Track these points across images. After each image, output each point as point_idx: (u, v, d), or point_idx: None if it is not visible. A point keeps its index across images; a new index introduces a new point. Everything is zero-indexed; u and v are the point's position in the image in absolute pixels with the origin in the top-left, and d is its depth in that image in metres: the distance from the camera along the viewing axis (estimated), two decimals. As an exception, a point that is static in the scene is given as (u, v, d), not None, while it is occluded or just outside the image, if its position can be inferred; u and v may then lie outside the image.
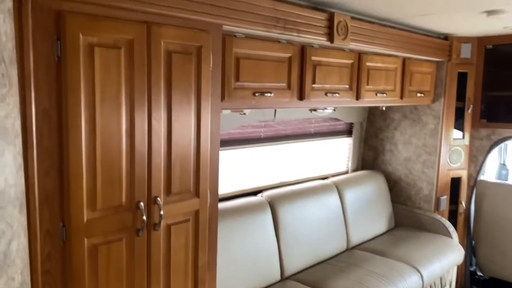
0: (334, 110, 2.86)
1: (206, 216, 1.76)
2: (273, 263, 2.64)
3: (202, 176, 1.72)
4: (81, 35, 1.32)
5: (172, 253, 1.66)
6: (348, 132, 3.67)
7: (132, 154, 1.49)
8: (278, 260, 2.67)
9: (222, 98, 1.81)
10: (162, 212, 1.57)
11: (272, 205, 2.73)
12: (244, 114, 2.20)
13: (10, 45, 1.11)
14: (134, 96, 1.46)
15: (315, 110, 2.71)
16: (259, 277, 2.54)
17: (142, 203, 1.52)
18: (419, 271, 2.86)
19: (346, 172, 3.72)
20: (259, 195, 2.82)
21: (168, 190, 1.62)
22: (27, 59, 1.23)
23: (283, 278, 2.70)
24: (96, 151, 1.39)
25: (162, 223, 1.60)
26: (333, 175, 3.52)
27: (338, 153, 3.63)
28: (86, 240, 1.41)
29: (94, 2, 1.34)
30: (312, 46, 2.23)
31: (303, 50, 2.19)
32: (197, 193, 1.72)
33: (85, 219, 1.39)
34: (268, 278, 2.59)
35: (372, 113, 3.80)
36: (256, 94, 1.96)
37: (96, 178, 1.40)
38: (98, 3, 1.35)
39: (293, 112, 2.97)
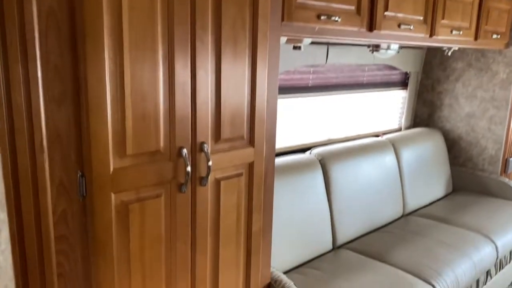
0: (398, 51, 2.40)
1: (262, 170, 1.39)
2: (325, 230, 2.28)
3: (258, 120, 1.33)
4: None
5: (222, 215, 1.30)
6: (402, 83, 3.21)
7: (171, 84, 1.10)
8: (330, 226, 2.31)
9: (282, 19, 1.39)
10: (210, 163, 1.20)
11: (324, 164, 2.34)
12: (299, 48, 1.78)
13: None
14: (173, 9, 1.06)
15: (376, 49, 2.27)
16: (310, 245, 2.19)
17: (185, 150, 1.15)
18: (493, 241, 2.46)
19: (399, 130, 3.29)
20: (308, 152, 2.43)
21: (217, 135, 1.24)
22: None
23: (336, 247, 2.34)
24: (125, 75, 1.01)
25: (210, 176, 1.23)
26: (384, 133, 3.10)
27: (391, 108, 3.19)
28: (113, 196, 1.05)
29: None
30: (385, -37, 1.78)
31: (375, -33, 1.74)
32: (251, 141, 1.34)
33: (111, 168, 1.03)
34: (319, 246, 2.24)
35: (428, 62, 3.32)
36: (322, 17, 1.53)
37: (125, 113, 1.03)
38: None
39: (347, 55, 2.53)
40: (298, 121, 2.52)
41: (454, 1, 2.26)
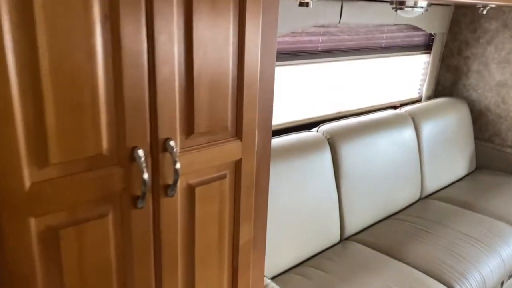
0: (427, 10, 2.00)
1: (252, 169, 1.06)
2: (332, 219, 1.98)
3: (247, 102, 0.99)
4: None
5: (198, 229, 0.99)
6: (426, 46, 2.81)
7: (116, 57, 0.76)
8: (337, 214, 2.01)
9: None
10: (178, 166, 0.87)
11: (332, 143, 2.01)
12: (307, 4, 1.41)
13: None
14: None
15: (401, 7, 1.87)
16: (314, 238, 1.90)
17: (140, 152, 0.82)
18: (524, 233, 2.16)
19: (419, 100, 2.92)
20: (315, 129, 2.10)
21: (189, 128, 0.91)
22: None
23: (344, 238, 2.06)
24: (39, 47, 0.67)
25: (180, 183, 0.91)
26: (402, 104, 2.74)
27: (411, 75, 2.81)
28: (33, 221, 0.74)
29: None
30: None
31: None
32: (238, 132, 1.01)
33: (27, 184, 0.71)
34: (325, 238, 1.96)
35: (456, 22, 2.89)
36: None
37: (42, 103, 0.70)
38: None
39: (365, 13, 2.13)
40: (304, 91, 2.17)
41: None
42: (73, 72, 0.71)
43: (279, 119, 2.08)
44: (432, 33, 2.78)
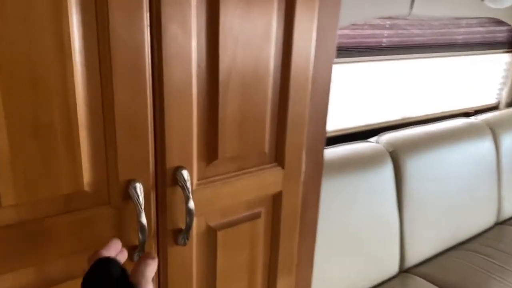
0: (522, -1, 1.63)
1: (297, 203, 0.80)
2: (390, 246, 1.68)
3: (292, 120, 0.73)
4: None
5: (220, 282, 0.74)
6: (509, 44, 2.40)
7: (103, 51, 0.52)
8: (397, 241, 1.70)
9: None
10: (192, 205, 0.63)
11: (395, 156, 1.70)
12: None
13: None
14: None
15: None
16: (368, 268, 1.61)
17: (138, 186, 0.59)
18: None
19: (496, 107, 2.51)
20: (374, 139, 1.79)
21: (210, 152, 0.66)
22: None
23: (403, 270, 1.74)
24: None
25: (197, 225, 0.67)
26: (477, 110, 2.36)
27: (489, 77, 2.41)
28: (-19, 285, 0.52)
29: None
30: None
31: None
32: (279, 157, 0.75)
33: (-33, 234, 0.49)
34: (381, 269, 1.66)
35: (548, 15, 2.44)
36: None
37: (-11, 120, 0.47)
38: None
39: (442, 3, 1.79)
40: (362, 93, 1.87)
41: None
42: (34, 72, 0.48)
43: (331, 125, 1.80)
44: (518, 29, 2.37)
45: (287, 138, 0.74)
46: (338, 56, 1.72)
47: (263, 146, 0.71)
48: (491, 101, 2.51)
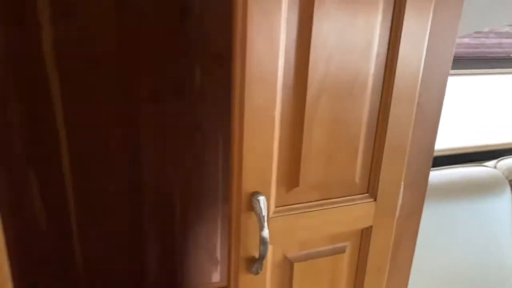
0: None
1: (389, 241, 0.70)
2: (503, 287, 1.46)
3: (390, 146, 0.64)
4: None
5: (294, 318, 0.68)
6: None
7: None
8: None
9: None
10: (266, 233, 0.57)
11: (516, 185, 1.47)
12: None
13: None
14: None
15: None
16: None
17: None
18: None
19: None
20: (492, 163, 1.57)
21: (291, 177, 0.60)
22: None
23: (517, 317, 1.50)
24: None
25: (273, 254, 0.62)
26: None
27: None
28: None
29: None
30: None
31: None
32: (371, 188, 0.66)
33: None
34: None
35: None
36: None
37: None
38: None
39: None
40: (479, 109, 1.65)
41: None
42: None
43: (438, 143, 1.62)
44: None
45: (383, 167, 0.65)
46: (453, 68, 1.54)
47: (353, 175, 0.63)
48: None
